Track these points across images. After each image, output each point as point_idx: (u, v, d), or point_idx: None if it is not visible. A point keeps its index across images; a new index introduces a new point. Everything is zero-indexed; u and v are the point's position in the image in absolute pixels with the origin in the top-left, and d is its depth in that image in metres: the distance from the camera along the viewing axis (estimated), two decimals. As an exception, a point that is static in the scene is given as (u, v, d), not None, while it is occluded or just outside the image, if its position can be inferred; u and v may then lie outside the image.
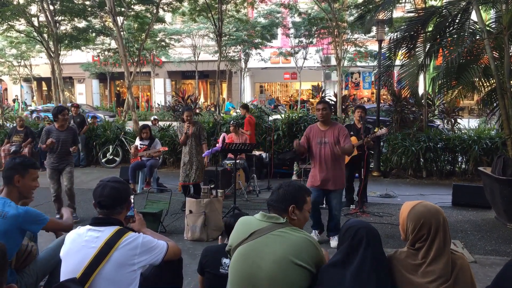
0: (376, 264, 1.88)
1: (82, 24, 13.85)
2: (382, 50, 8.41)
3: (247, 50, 22.85)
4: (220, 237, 2.90)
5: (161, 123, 12.28)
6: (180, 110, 7.92)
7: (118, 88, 32.42)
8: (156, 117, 13.14)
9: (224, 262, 2.63)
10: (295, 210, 2.12)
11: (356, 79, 27.80)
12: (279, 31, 21.10)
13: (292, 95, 29.84)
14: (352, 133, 6.17)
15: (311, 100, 25.37)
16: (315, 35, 19.36)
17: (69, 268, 2.11)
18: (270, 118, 10.14)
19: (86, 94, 30.67)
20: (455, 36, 5.82)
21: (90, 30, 14.02)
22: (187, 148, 6.17)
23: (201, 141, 6.23)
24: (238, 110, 15.11)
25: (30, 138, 10.16)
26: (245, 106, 8.95)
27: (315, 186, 4.65)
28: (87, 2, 12.98)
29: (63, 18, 12.67)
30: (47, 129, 5.63)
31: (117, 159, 10.08)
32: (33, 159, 3.10)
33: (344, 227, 2.05)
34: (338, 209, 4.76)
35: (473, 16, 5.89)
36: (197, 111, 12.85)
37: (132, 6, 13.13)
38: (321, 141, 4.69)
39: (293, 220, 2.12)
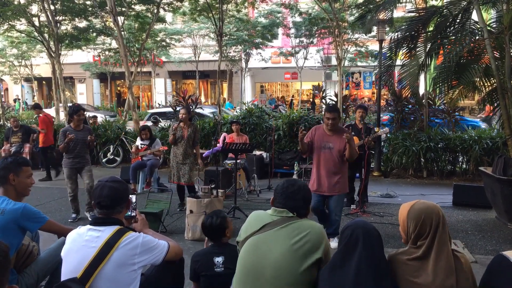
0: (374, 264, 1.87)
1: (82, 24, 13.85)
2: (383, 50, 8.44)
3: (247, 50, 22.81)
4: (206, 239, 2.87)
5: (161, 124, 12.28)
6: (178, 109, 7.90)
7: (118, 88, 32.41)
8: (156, 116, 13.14)
9: (217, 261, 2.61)
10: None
11: (356, 79, 27.75)
12: (280, 31, 21.06)
13: (282, 96, 29.78)
14: (353, 133, 6.16)
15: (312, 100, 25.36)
16: (316, 35, 19.34)
17: (70, 268, 2.11)
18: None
19: (86, 94, 30.65)
20: (458, 35, 5.81)
21: (91, 30, 14.02)
22: (180, 149, 6.10)
23: (194, 144, 6.20)
24: (238, 109, 15.12)
25: (32, 134, 10.18)
26: (36, 106, 9.41)
27: (316, 191, 4.51)
28: (88, 2, 12.98)
29: (63, 18, 12.67)
30: (63, 130, 5.65)
31: (118, 159, 10.09)
32: (25, 157, 3.11)
33: (343, 228, 2.06)
34: (338, 213, 4.62)
35: (474, 16, 5.89)
36: (198, 110, 12.82)
37: (133, 6, 13.13)
38: (325, 146, 4.53)
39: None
